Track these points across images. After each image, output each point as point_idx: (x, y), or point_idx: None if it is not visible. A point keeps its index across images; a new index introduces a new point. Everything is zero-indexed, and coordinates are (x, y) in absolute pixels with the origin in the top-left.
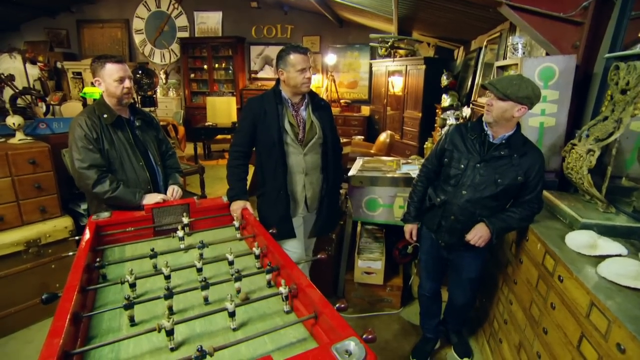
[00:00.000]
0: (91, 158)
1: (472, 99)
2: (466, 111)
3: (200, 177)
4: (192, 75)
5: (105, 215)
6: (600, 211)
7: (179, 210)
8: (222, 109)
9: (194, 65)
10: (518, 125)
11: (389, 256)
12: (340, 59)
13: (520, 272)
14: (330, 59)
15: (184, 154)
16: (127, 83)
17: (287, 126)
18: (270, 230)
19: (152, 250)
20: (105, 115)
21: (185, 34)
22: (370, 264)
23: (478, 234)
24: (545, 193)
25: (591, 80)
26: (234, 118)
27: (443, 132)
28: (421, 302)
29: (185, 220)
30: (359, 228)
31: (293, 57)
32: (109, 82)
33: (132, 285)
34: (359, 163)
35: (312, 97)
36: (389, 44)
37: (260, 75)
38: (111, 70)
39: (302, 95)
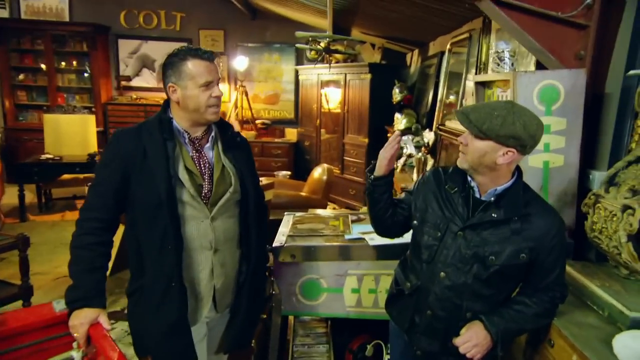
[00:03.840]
0: None
1: (436, 119)
2: (428, 136)
3: (20, 254)
4: (19, 78)
5: None
6: None
7: None
8: (73, 134)
9: (20, 64)
10: (518, 173)
11: None
12: (255, 63)
13: None
14: (240, 62)
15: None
16: None
17: (182, 175)
18: None
19: None
20: None
21: (4, 14)
22: None
23: (473, 340)
24: None
25: (602, 102)
26: (93, 147)
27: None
28: None
29: None
30: (290, 322)
31: (192, 66)
32: None
33: None
34: (288, 223)
35: (223, 129)
36: (323, 45)
37: (135, 83)
38: None
39: (206, 127)
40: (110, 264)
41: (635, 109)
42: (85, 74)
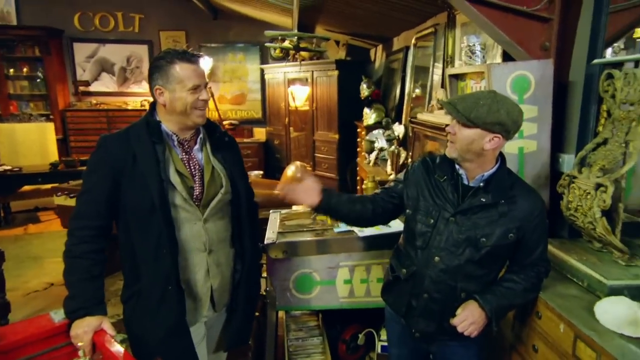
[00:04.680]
0: None
1: (405, 113)
2: (399, 129)
3: None
4: None
5: None
6: (621, 265)
7: None
8: (30, 142)
9: None
10: (501, 159)
11: (332, 354)
12: (219, 64)
13: None
14: (204, 63)
15: None
16: None
17: (174, 178)
18: None
19: None
20: None
21: None
22: None
23: (470, 319)
24: None
25: (568, 90)
26: (54, 156)
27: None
28: None
29: None
30: (282, 319)
31: (180, 69)
32: None
33: None
34: (275, 222)
35: (211, 130)
36: (290, 43)
37: (94, 87)
38: None
39: (194, 129)
40: None
41: (600, 95)
42: (39, 80)
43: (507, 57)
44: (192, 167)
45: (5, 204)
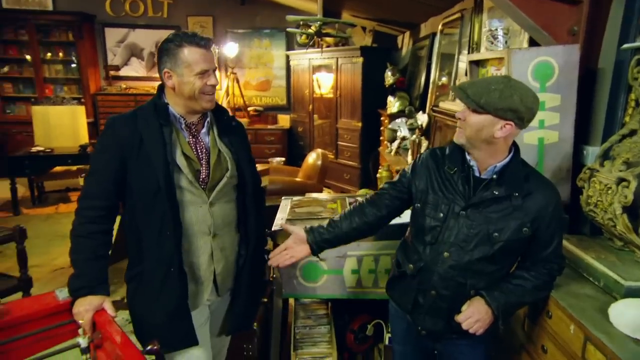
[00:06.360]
0: None
1: (429, 101)
2: (422, 118)
3: (17, 246)
4: (4, 70)
5: None
6: None
7: None
8: (63, 126)
9: (5, 55)
10: (515, 149)
11: (340, 344)
12: (245, 50)
13: None
14: (230, 49)
15: None
16: None
17: (180, 160)
18: (149, 347)
19: None
20: None
21: None
22: None
23: (475, 316)
24: None
25: (596, 78)
26: (84, 139)
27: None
28: None
29: None
30: (291, 306)
31: (188, 53)
32: None
33: None
34: (286, 208)
35: (219, 114)
36: (314, 29)
37: (124, 72)
38: None
39: (202, 113)
40: None
41: (629, 83)
42: (73, 65)
43: (533, 43)
44: (198, 150)
45: (38, 184)
